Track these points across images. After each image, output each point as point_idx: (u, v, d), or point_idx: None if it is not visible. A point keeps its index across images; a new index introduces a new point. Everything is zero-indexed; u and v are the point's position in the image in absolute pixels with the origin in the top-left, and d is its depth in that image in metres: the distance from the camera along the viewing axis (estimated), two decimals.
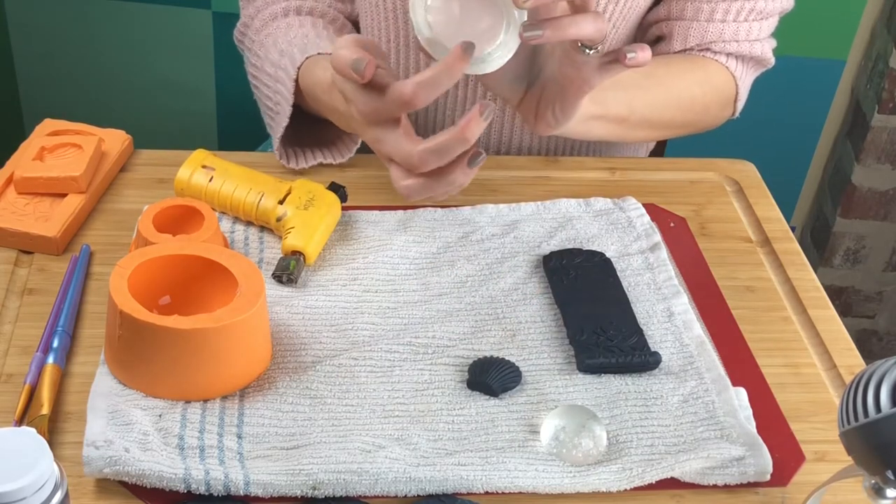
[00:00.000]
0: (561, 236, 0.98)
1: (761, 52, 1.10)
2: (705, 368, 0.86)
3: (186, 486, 0.73)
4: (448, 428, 0.80)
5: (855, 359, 0.90)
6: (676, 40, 1.08)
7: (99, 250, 0.94)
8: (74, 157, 0.99)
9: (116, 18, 1.81)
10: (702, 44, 1.08)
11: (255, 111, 1.13)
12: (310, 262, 0.92)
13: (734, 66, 1.10)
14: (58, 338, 0.83)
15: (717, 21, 1.06)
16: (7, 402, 0.79)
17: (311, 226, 0.93)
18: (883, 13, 1.80)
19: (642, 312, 0.91)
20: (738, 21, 1.07)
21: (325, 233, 0.94)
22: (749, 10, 1.07)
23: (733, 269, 0.99)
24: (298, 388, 0.82)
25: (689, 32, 1.07)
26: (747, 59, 1.10)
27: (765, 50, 1.10)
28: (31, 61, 1.88)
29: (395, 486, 0.75)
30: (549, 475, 0.76)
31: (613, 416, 0.82)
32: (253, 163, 1.01)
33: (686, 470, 0.77)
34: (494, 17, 0.80)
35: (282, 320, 0.87)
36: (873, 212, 1.92)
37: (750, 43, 1.09)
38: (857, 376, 0.67)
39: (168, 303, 0.85)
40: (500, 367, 0.83)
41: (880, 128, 1.83)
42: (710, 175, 1.11)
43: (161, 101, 1.90)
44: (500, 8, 0.79)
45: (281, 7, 1.10)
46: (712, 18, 1.06)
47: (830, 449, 0.81)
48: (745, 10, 1.06)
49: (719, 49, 1.08)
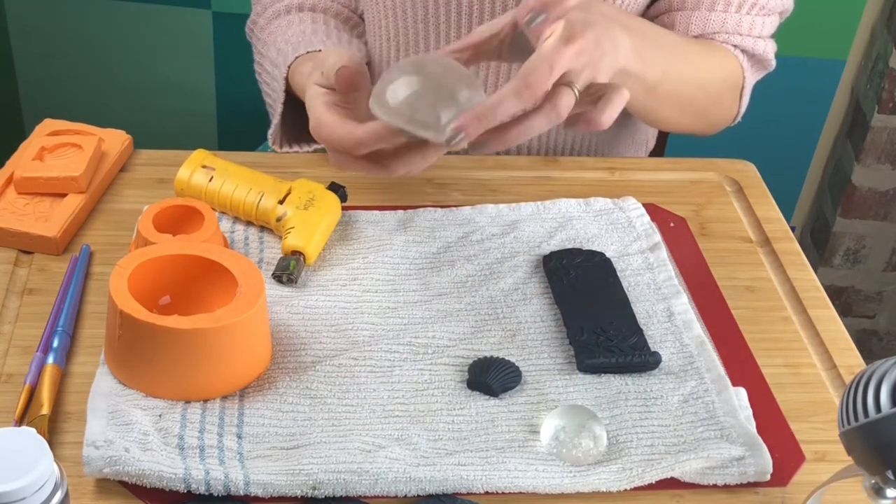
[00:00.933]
0: (561, 236, 0.98)
1: (763, 51, 1.09)
2: (705, 368, 0.86)
3: (186, 486, 0.73)
4: (448, 428, 0.80)
5: (855, 359, 0.90)
6: (679, 30, 1.07)
7: (99, 250, 0.94)
8: (74, 157, 0.99)
9: (116, 18, 1.81)
10: (704, 33, 1.07)
11: (255, 111, 1.13)
12: (310, 262, 0.92)
13: (741, 56, 1.09)
14: (58, 338, 0.83)
15: (720, 11, 1.06)
16: (7, 402, 0.79)
17: (311, 226, 0.93)
18: (883, 13, 1.80)
19: (642, 312, 0.91)
20: (740, 13, 1.06)
21: (325, 233, 0.94)
22: (751, 4, 1.06)
23: (733, 269, 0.99)
24: (298, 388, 0.82)
25: (692, 21, 1.06)
26: (750, 56, 1.10)
27: (767, 49, 1.10)
28: (31, 61, 1.88)
29: (395, 486, 0.75)
30: (549, 475, 0.76)
31: (613, 416, 0.82)
32: (253, 163, 1.01)
33: (686, 470, 0.77)
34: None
35: (282, 320, 0.87)
36: (873, 212, 1.92)
37: (753, 39, 1.08)
38: (857, 376, 0.67)
39: (168, 303, 0.85)
40: (500, 367, 0.83)
41: (880, 128, 1.83)
42: (710, 175, 1.11)
43: (161, 101, 1.90)
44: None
45: (284, 4, 1.11)
46: (714, 8, 1.06)
47: (830, 449, 0.81)
48: (748, 4, 1.06)
49: (723, 40, 1.08)
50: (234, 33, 1.17)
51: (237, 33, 1.16)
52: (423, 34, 1.08)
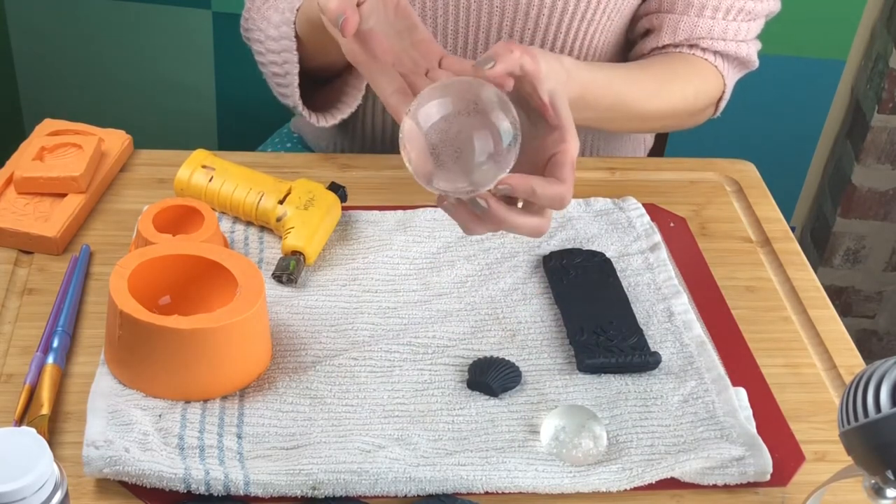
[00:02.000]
0: (561, 236, 0.98)
1: (747, 54, 1.10)
2: (705, 368, 0.86)
3: (186, 486, 0.73)
4: (448, 428, 0.80)
5: (855, 359, 0.90)
6: (665, 33, 1.08)
7: (99, 250, 0.94)
8: (74, 157, 0.99)
9: (116, 18, 1.81)
10: (690, 38, 1.08)
11: (255, 111, 1.13)
12: (310, 261, 0.92)
13: (722, 65, 1.10)
14: (58, 338, 0.83)
15: (707, 17, 1.07)
16: (7, 402, 0.79)
17: (311, 226, 0.93)
18: (883, 13, 1.80)
19: (642, 312, 0.91)
20: (726, 20, 1.07)
21: (325, 233, 0.94)
22: (738, 10, 1.07)
23: (733, 269, 0.99)
24: (298, 388, 0.82)
25: (679, 26, 1.07)
26: (733, 59, 1.11)
27: (750, 52, 1.11)
28: (31, 61, 1.88)
29: (395, 486, 0.75)
30: (549, 475, 0.76)
31: (613, 416, 0.82)
32: (253, 163, 1.01)
33: (686, 470, 0.77)
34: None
35: (282, 320, 0.87)
36: (873, 212, 1.92)
37: (737, 43, 1.09)
38: (857, 376, 0.67)
39: (168, 303, 0.85)
40: (500, 367, 0.83)
41: (880, 128, 1.83)
42: (710, 175, 1.11)
43: (161, 101, 1.90)
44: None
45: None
46: (702, 14, 1.07)
47: (830, 449, 0.81)
48: (735, 9, 1.07)
49: (707, 46, 1.08)
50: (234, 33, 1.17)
51: (237, 33, 1.16)
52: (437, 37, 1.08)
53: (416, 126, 0.75)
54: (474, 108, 0.75)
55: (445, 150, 0.74)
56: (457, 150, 0.74)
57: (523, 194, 0.77)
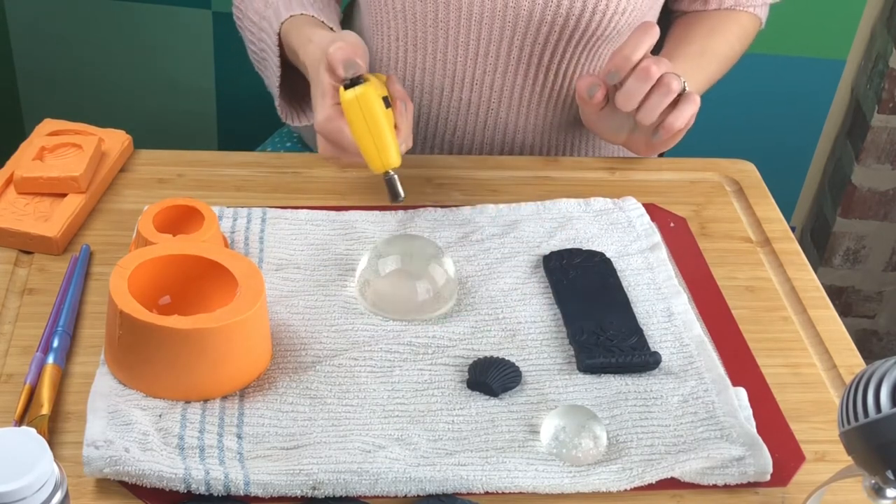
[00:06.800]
0: (561, 236, 0.98)
1: None
2: (705, 368, 0.86)
3: (186, 486, 0.73)
4: (448, 428, 0.80)
5: (855, 359, 0.90)
6: (712, 2, 1.19)
7: (99, 250, 0.94)
8: (74, 157, 0.99)
9: (116, 18, 1.81)
10: (737, 3, 1.19)
11: (255, 111, 1.13)
12: (396, 165, 0.94)
13: (762, 14, 1.22)
14: (58, 338, 0.83)
15: None
16: (7, 402, 0.79)
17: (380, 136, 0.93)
18: (883, 13, 1.80)
19: (642, 312, 0.91)
20: None
21: (390, 136, 0.93)
22: None
23: (733, 269, 0.99)
24: (298, 388, 0.82)
25: None
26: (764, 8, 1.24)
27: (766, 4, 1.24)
28: (31, 61, 1.88)
29: (395, 486, 0.75)
30: (549, 475, 0.76)
31: (613, 416, 0.82)
32: (253, 163, 1.01)
33: (686, 470, 0.77)
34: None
35: (282, 320, 0.87)
36: (873, 212, 1.92)
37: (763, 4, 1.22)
38: (857, 376, 0.67)
39: (168, 303, 0.85)
40: (500, 367, 0.83)
41: (880, 128, 1.83)
42: (710, 175, 1.11)
43: (161, 101, 1.90)
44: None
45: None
46: None
47: (830, 449, 0.81)
48: None
49: (750, 3, 1.20)
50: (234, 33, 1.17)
51: (237, 33, 1.16)
52: (433, 36, 1.08)
53: None
54: None
55: None
56: None
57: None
